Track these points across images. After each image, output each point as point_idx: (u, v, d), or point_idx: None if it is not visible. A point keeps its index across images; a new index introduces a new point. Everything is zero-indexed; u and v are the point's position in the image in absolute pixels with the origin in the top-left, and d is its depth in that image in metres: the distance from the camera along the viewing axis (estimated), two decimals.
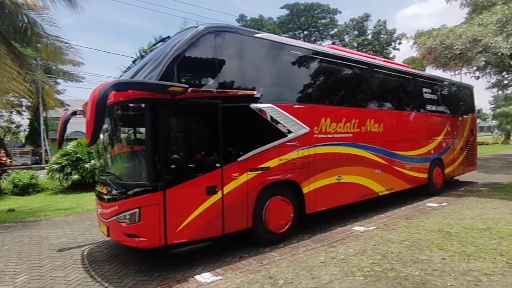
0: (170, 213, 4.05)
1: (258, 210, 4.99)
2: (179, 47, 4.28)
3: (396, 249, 4.60)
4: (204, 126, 4.55)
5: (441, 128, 9.31)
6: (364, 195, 6.83)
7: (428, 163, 8.67)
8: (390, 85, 8.04)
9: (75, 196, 11.81)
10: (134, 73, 4.72)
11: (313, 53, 6.04)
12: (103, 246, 5.61)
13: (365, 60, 7.29)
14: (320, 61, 6.16)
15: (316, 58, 6.06)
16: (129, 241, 4.15)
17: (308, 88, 5.87)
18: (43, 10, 8.88)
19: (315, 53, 6.08)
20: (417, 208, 7.46)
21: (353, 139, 6.51)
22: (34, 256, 5.25)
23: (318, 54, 6.14)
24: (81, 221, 7.60)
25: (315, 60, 6.05)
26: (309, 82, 5.88)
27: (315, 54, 6.06)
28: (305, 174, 5.60)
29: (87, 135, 3.39)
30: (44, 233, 6.65)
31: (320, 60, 6.14)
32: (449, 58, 8.78)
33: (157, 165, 3.97)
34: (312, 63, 5.97)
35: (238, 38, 4.96)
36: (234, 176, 4.66)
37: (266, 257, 4.71)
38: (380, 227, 5.84)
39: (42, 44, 9.49)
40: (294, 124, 5.41)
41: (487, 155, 22.99)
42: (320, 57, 6.15)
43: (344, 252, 4.56)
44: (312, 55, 5.99)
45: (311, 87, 5.90)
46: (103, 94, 3.39)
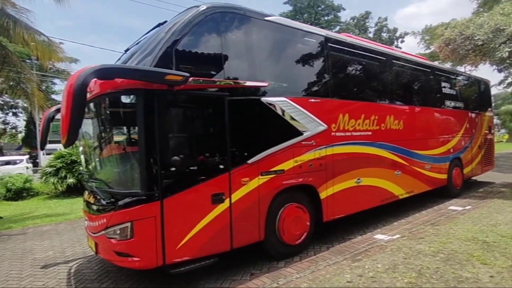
0: (168, 227, 3.39)
1: (271, 219, 4.34)
2: (178, 29, 3.62)
3: (431, 263, 3.95)
4: (208, 122, 3.89)
5: (460, 125, 8.67)
6: (384, 199, 6.19)
7: (448, 163, 8.03)
8: (409, 79, 7.40)
9: (69, 201, 11.16)
10: (124, 62, 4.07)
11: (330, 40, 5.38)
12: (94, 262, 4.94)
13: (384, 50, 6.65)
14: (338, 50, 5.50)
15: (333, 47, 5.40)
16: (120, 260, 3.48)
17: (324, 80, 5.22)
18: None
19: (333, 41, 5.43)
20: (440, 212, 6.81)
21: (373, 138, 5.86)
22: (13, 274, 4.58)
23: (335, 42, 5.49)
24: (72, 230, 6.93)
25: (333, 49, 5.39)
26: (326, 73, 5.23)
27: (332, 41, 5.41)
28: (322, 177, 4.95)
29: (62, 134, 2.72)
30: (29, 245, 5.97)
31: (337, 49, 5.49)
32: (469, 50, 8.12)
33: (153, 169, 3.30)
34: (329, 51, 5.30)
35: (246, 20, 4.30)
36: (244, 181, 4.01)
37: (282, 274, 4.06)
38: (405, 235, 5.19)
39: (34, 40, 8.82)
40: (310, 121, 4.76)
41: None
42: (338, 45, 5.51)
43: (372, 268, 3.91)
44: (329, 43, 5.34)
45: (328, 79, 5.24)
46: (82, 82, 2.72)
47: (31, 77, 9.15)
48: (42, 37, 8.97)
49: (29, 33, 8.12)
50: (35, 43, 8.73)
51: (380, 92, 6.45)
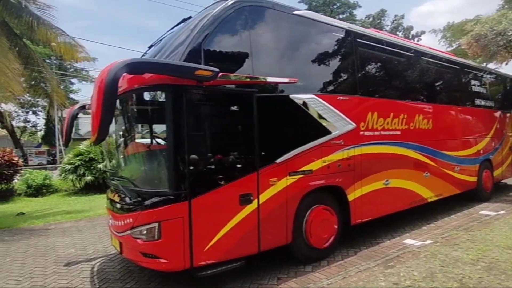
0: (196, 229, 3.26)
1: (298, 222, 4.16)
2: (206, 24, 3.48)
3: (473, 273, 3.69)
4: (236, 120, 3.74)
5: (491, 125, 8.26)
6: (412, 202, 5.91)
7: (478, 165, 7.66)
8: (438, 76, 7.07)
9: (88, 198, 11.26)
10: (150, 57, 3.96)
11: (359, 36, 5.17)
12: (116, 261, 4.87)
13: (413, 46, 6.38)
14: (366, 46, 5.28)
15: (362, 42, 5.18)
16: (146, 262, 3.37)
17: (353, 76, 5.00)
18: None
19: (361, 36, 5.21)
20: (471, 217, 6.49)
21: (401, 137, 5.60)
22: (37, 271, 4.56)
23: (364, 37, 5.26)
24: (92, 228, 6.93)
25: (361, 44, 5.17)
26: (354, 69, 5.01)
27: (360, 37, 5.19)
28: (350, 178, 4.74)
29: (92, 131, 2.62)
30: (52, 242, 5.98)
31: (366, 45, 5.27)
32: (501, 46, 7.72)
33: (181, 168, 3.18)
34: (357, 47, 5.08)
35: (274, 15, 4.13)
36: (272, 182, 3.84)
37: (310, 279, 3.88)
38: (438, 241, 4.93)
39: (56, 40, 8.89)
40: (339, 119, 4.56)
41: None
42: (366, 41, 5.28)
43: (407, 276, 3.69)
44: (358, 38, 5.11)
45: (356, 75, 5.02)
46: (114, 77, 2.61)
47: (52, 76, 9.23)
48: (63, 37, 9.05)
49: (51, 31, 8.19)
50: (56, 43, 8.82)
51: (408, 90, 6.17)
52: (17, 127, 36.96)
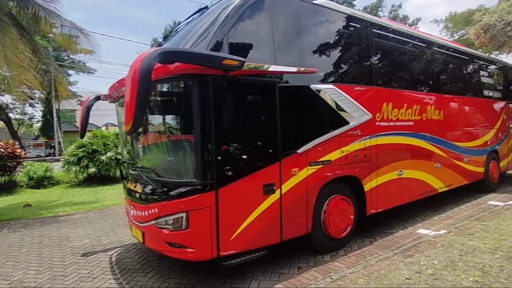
0: (223, 218, 3.27)
1: (317, 212, 4.18)
2: (230, 12, 3.42)
3: (493, 262, 3.74)
4: (260, 110, 3.72)
5: (498, 116, 8.31)
6: (424, 193, 5.96)
7: (485, 156, 7.71)
8: (449, 67, 7.07)
9: (92, 190, 11.24)
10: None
11: (374, 26, 5.13)
12: (132, 251, 4.89)
13: (426, 37, 6.33)
14: (382, 36, 5.25)
15: (377, 32, 5.14)
16: (172, 251, 3.38)
17: (369, 67, 4.98)
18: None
19: (377, 26, 5.17)
20: (480, 207, 6.56)
21: (414, 128, 5.62)
22: (56, 261, 4.57)
23: (379, 27, 5.23)
24: (102, 219, 6.93)
25: (377, 35, 5.14)
26: (370, 60, 4.98)
27: (376, 27, 5.15)
28: (366, 168, 4.76)
29: (126, 121, 2.59)
30: (65, 232, 5.98)
31: (381, 35, 5.24)
32: (511, 36, 7.70)
33: (209, 158, 3.16)
34: (373, 37, 5.05)
35: (294, 4, 4.09)
36: (294, 172, 3.85)
37: (331, 268, 3.92)
38: (452, 230, 4.99)
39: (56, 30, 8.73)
40: (356, 110, 4.55)
41: None
42: (381, 31, 5.25)
43: (428, 265, 3.74)
44: (373, 28, 5.08)
45: (372, 66, 5.00)
46: (148, 66, 2.58)
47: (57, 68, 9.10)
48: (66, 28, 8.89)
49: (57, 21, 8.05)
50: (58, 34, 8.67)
51: (421, 81, 6.17)
52: (15, 119, 36.57)
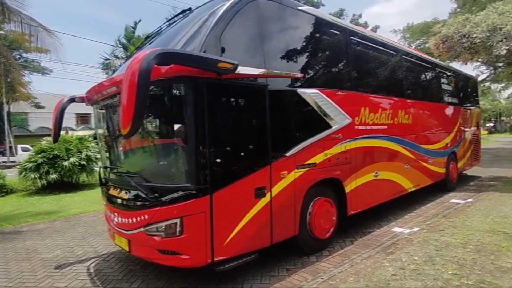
0: (217, 223, 3.23)
1: (303, 214, 4.27)
2: (222, 14, 3.41)
3: (466, 255, 4.05)
4: (252, 113, 3.72)
5: (456, 120, 9.02)
6: (396, 193, 6.31)
7: (446, 157, 8.33)
8: (418, 75, 7.58)
9: (53, 198, 10.53)
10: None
11: (353, 33, 5.37)
12: (111, 261, 4.65)
13: (398, 46, 6.75)
14: (359, 44, 5.51)
15: (355, 40, 5.38)
16: (164, 258, 3.27)
17: (349, 73, 5.19)
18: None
19: (354, 34, 5.42)
20: (444, 205, 7.05)
21: (387, 132, 5.94)
22: (26, 275, 4.22)
23: (357, 35, 5.48)
24: (71, 228, 6.51)
25: (355, 42, 5.38)
26: (350, 66, 5.20)
27: (354, 35, 5.39)
28: (347, 170, 4.94)
29: (124, 123, 2.48)
30: (31, 244, 5.54)
31: (359, 43, 5.49)
32: (466, 48, 8.43)
33: (204, 162, 3.11)
34: (352, 45, 5.28)
35: (282, 9, 4.16)
36: (283, 175, 3.90)
37: (319, 269, 4.01)
38: (424, 228, 5.32)
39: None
40: (338, 114, 4.72)
41: None
42: (359, 39, 5.50)
43: (409, 261, 3.96)
44: (352, 36, 5.31)
45: (351, 72, 5.22)
46: (147, 68, 2.49)
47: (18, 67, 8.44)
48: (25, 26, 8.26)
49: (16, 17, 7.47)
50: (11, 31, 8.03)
51: (394, 87, 6.53)
52: None
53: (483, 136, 12.36)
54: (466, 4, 17.28)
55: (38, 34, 8.46)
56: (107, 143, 4.35)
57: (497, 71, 16.89)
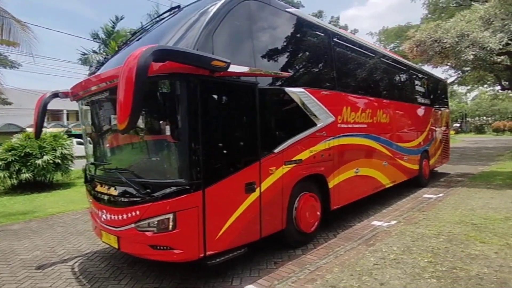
0: (209, 218, 3.29)
1: (290, 208, 4.41)
2: (214, 14, 3.47)
3: (439, 244, 4.34)
4: (242, 111, 3.80)
5: (428, 120, 9.53)
6: (375, 188, 6.61)
7: (419, 155, 8.79)
8: (394, 76, 7.96)
9: (26, 198, 10.08)
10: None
11: (335, 36, 5.58)
12: (96, 259, 4.58)
13: (376, 49, 7.07)
14: (341, 45, 5.72)
15: (337, 42, 5.59)
16: (156, 254, 3.28)
17: (332, 73, 5.38)
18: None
19: (337, 36, 5.63)
20: (418, 200, 7.45)
21: (367, 130, 6.21)
22: (6, 277, 4.08)
23: (339, 37, 5.69)
24: (50, 228, 6.31)
25: (337, 44, 5.58)
26: (333, 66, 5.39)
27: (336, 37, 5.60)
28: (330, 167, 5.14)
29: (120, 119, 2.48)
30: (7, 245, 5.33)
31: (340, 44, 5.70)
32: (437, 52, 8.91)
33: (197, 158, 3.16)
34: (334, 46, 5.48)
35: (270, 10, 4.27)
36: (271, 171, 4.02)
37: (305, 261, 4.16)
38: (401, 221, 5.61)
39: None
40: (322, 112, 4.90)
41: None
42: (341, 41, 5.71)
43: (389, 251, 4.19)
44: (334, 38, 5.51)
45: (335, 72, 5.42)
46: (145, 64, 2.52)
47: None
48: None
49: None
50: None
51: (372, 87, 6.83)
52: None
53: (450, 136, 13.16)
54: (436, 10, 18.20)
55: (10, 27, 8.12)
56: (94, 139, 4.28)
57: (464, 75, 17.91)
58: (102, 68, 4.47)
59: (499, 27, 8.25)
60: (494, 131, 45.25)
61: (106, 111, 3.90)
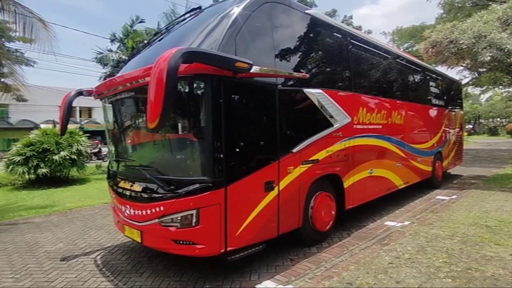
0: (230, 214, 3.40)
1: (306, 207, 4.50)
2: (238, 15, 3.58)
3: (454, 245, 4.38)
4: (262, 111, 3.90)
5: (442, 121, 9.48)
6: (388, 189, 6.64)
7: (433, 156, 8.76)
8: (410, 77, 7.97)
9: (44, 192, 10.40)
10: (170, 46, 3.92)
11: (352, 37, 5.63)
12: (117, 253, 4.75)
13: (392, 50, 7.10)
14: (357, 47, 5.76)
15: (354, 43, 5.64)
16: (178, 248, 3.41)
17: (348, 74, 5.44)
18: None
19: (354, 37, 5.68)
20: (431, 201, 7.46)
21: (382, 131, 6.25)
22: (33, 267, 4.27)
23: (356, 38, 5.74)
24: (70, 222, 6.53)
25: (354, 45, 5.63)
26: (350, 67, 5.45)
27: (353, 38, 5.65)
28: (346, 167, 5.21)
29: (151, 118, 2.61)
30: (31, 237, 5.55)
31: (357, 46, 5.74)
32: (453, 53, 8.85)
33: (220, 156, 3.27)
34: (351, 48, 5.53)
35: (290, 12, 4.36)
36: (289, 170, 4.11)
37: (321, 259, 4.25)
38: (414, 221, 5.64)
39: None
40: (339, 113, 4.96)
41: None
42: (357, 42, 5.75)
43: (404, 251, 4.25)
44: (351, 39, 5.57)
45: (351, 73, 5.47)
46: (175, 65, 2.63)
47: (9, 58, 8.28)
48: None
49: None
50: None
51: (387, 88, 6.85)
52: None
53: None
54: (452, 10, 17.98)
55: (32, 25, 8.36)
56: (118, 137, 4.43)
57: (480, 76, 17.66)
58: (125, 68, 4.62)
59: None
60: (508, 133, 44.39)
61: (130, 110, 4.05)
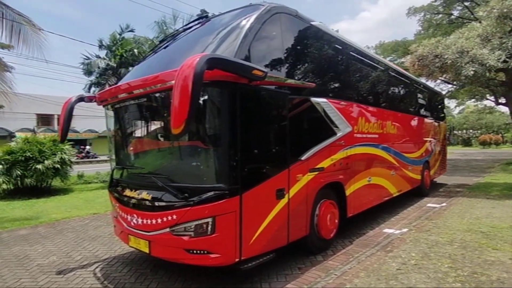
0: (245, 223, 3.35)
1: (312, 215, 4.50)
2: (251, 24, 3.60)
3: (455, 251, 4.49)
4: (275, 119, 3.91)
5: (429, 132, 9.83)
6: (385, 197, 6.77)
7: (421, 165, 9.03)
8: (402, 89, 8.26)
9: (25, 203, 9.87)
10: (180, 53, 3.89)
11: (352, 49, 5.79)
12: (117, 265, 4.56)
13: (385, 63, 7.35)
14: (358, 60, 5.95)
15: (353, 55, 5.80)
16: (192, 258, 3.31)
17: (350, 85, 5.58)
18: None
19: (353, 50, 5.84)
20: (423, 209, 7.65)
21: (379, 140, 6.41)
22: (26, 282, 4.02)
23: (354, 50, 5.90)
24: (59, 234, 6.23)
25: (354, 58, 5.81)
26: (352, 79, 5.61)
27: (352, 50, 5.81)
28: (347, 175, 5.28)
29: (176, 123, 2.55)
30: (19, 251, 5.23)
31: (356, 58, 5.91)
32: (438, 67, 9.24)
33: (236, 164, 3.24)
34: (352, 59, 5.70)
35: (297, 23, 4.44)
36: (298, 178, 4.12)
37: (329, 267, 4.25)
38: (412, 228, 5.76)
39: None
40: (342, 122, 5.06)
41: None
42: (356, 54, 5.92)
43: (409, 257, 4.32)
44: (351, 51, 5.73)
45: (353, 84, 5.62)
46: (200, 71, 2.61)
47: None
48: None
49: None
50: None
51: (383, 99, 7.06)
52: None
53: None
54: (430, 27, 18.88)
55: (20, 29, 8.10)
56: (123, 144, 4.31)
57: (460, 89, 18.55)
58: (129, 76, 4.53)
59: (497, 45, 8.64)
60: (481, 144, 46.50)
61: (141, 117, 3.97)
